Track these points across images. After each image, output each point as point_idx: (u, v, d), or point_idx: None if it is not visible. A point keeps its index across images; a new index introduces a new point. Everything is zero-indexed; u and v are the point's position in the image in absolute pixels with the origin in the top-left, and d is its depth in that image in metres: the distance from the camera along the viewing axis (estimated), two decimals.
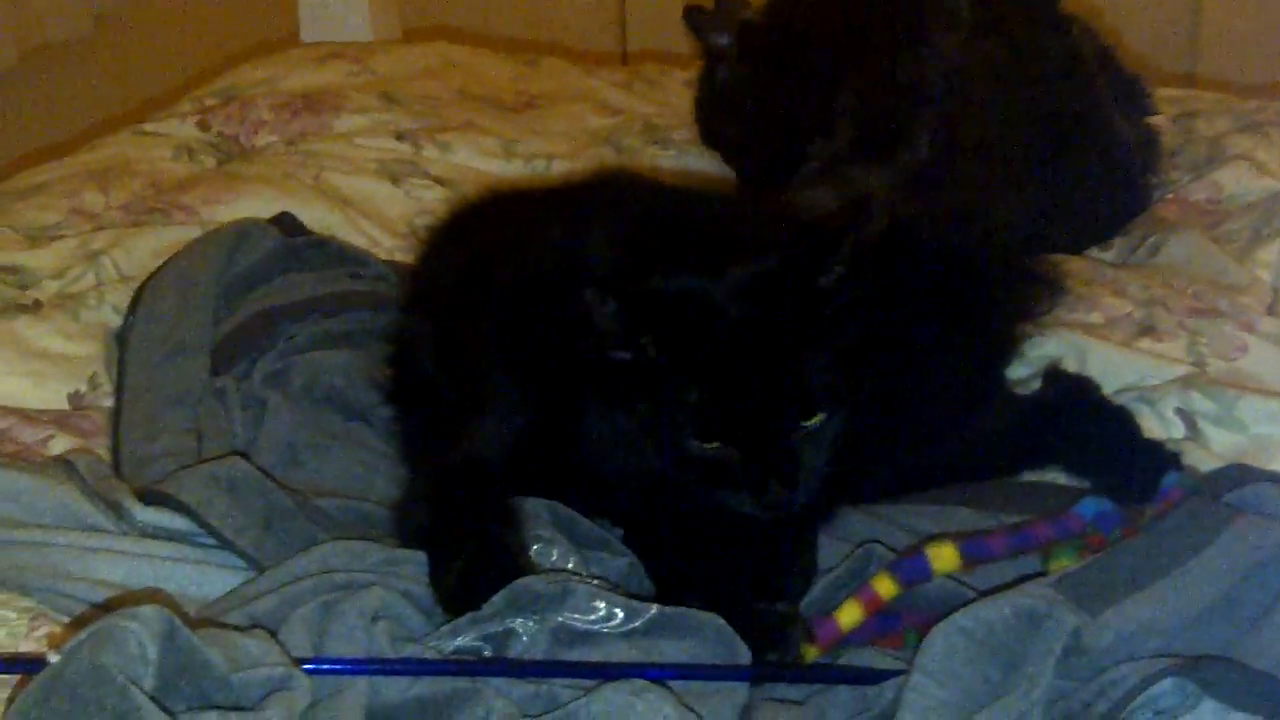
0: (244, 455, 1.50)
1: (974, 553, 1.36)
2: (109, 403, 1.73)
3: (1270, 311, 1.92)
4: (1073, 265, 2.02)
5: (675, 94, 2.71)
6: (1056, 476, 1.66)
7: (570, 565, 1.39)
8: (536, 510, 1.43)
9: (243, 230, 1.90)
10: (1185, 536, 1.29)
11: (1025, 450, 1.67)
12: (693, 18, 2.29)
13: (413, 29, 3.22)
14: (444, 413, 1.54)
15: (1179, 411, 1.69)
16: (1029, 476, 1.66)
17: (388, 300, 1.82)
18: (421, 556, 1.35)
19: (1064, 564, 1.33)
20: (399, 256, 2.09)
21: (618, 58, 3.67)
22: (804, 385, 1.33)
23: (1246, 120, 2.48)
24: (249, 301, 1.82)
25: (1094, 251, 2.17)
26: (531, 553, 1.39)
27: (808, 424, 1.34)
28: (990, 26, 2.13)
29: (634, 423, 1.35)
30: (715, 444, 1.33)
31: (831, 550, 1.46)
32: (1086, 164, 2.13)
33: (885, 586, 1.34)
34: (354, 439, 1.66)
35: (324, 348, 1.76)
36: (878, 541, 1.43)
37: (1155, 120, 2.31)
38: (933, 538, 1.39)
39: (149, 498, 1.44)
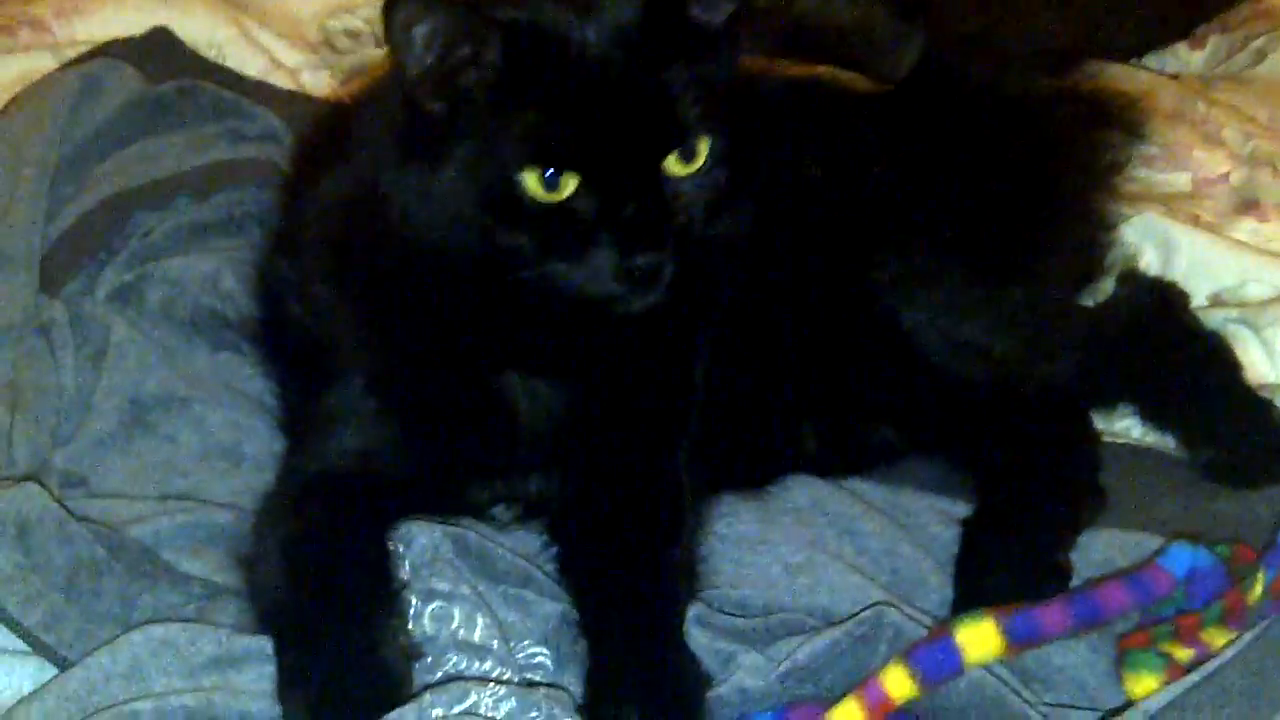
0: (39, 480, 1.12)
1: (1021, 632, 1.00)
2: None
3: None
4: (1150, 86, 1.59)
5: None
6: (1129, 424, 1.29)
7: (477, 634, 1.05)
8: (438, 544, 1.08)
9: (91, 76, 1.48)
10: None
11: (1091, 382, 1.30)
12: None
13: None
14: (315, 378, 1.17)
15: None
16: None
17: (273, 171, 1.42)
18: (268, 647, 1.00)
19: (1145, 682, 0.97)
20: (306, 77, 1.68)
21: None
22: (671, 104, 1.00)
23: None
24: (96, 179, 1.43)
25: (1181, 49, 1.74)
26: (427, 614, 1.05)
27: (684, 163, 1.02)
28: None
29: (451, 175, 1.01)
30: (556, 191, 0.99)
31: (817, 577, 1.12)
32: None
33: (899, 684, 0.98)
34: (222, 384, 1.29)
35: (190, 247, 1.39)
36: (889, 604, 1.06)
37: None
38: (966, 613, 1.01)
39: None
